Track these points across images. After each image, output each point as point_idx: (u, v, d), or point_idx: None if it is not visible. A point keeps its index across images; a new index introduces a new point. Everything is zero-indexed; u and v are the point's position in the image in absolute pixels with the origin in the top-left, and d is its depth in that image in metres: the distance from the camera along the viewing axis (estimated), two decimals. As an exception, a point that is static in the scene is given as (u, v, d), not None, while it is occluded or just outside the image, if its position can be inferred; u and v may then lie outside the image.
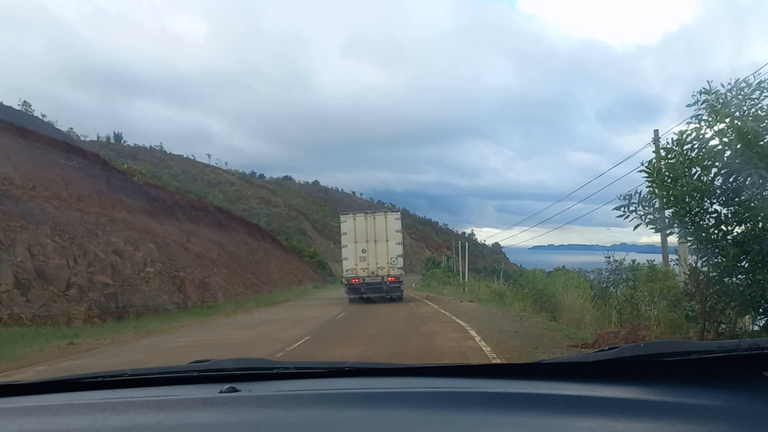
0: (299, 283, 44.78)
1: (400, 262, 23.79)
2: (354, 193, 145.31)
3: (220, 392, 1.56)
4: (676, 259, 12.84)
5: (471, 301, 23.10)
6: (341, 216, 25.29)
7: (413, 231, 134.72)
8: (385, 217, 24.19)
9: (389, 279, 23.47)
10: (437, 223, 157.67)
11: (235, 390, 1.58)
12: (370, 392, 1.50)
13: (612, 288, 15.43)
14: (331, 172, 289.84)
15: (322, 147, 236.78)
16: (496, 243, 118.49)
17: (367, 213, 24.99)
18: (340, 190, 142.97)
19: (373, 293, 23.02)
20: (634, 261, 14.17)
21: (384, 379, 1.75)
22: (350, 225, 23.96)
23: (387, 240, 23.54)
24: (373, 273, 23.34)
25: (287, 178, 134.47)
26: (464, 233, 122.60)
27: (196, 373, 1.85)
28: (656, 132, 15.46)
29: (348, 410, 1.35)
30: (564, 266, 19.31)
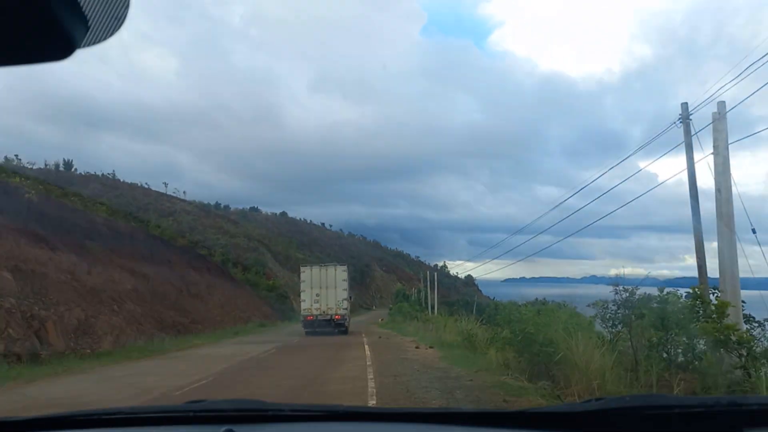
0: (246, 320, 39.50)
1: (345, 304, 29.05)
2: (323, 224, 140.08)
3: None
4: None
5: (431, 347, 18.58)
6: (301, 267, 31.66)
7: (384, 264, 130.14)
8: (335, 270, 29.83)
9: (336, 317, 28.48)
10: (409, 255, 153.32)
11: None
12: None
13: (620, 328, 11.00)
14: (302, 206, 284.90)
15: (292, 181, 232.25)
16: (469, 275, 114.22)
17: (321, 266, 30.66)
18: (309, 221, 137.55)
19: (323, 327, 27.88)
20: (662, 290, 9.74)
21: (378, 424, 1.74)
22: (308, 274, 29.60)
23: (335, 287, 28.90)
24: (324, 312, 28.38)
25: (254, 210, 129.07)
26: (436, 265, 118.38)
27: (192, 414, 1.83)
28: (685, 105, 11.26)
29: None
30: (544, 298, 14.62)
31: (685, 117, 11.07)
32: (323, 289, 28.63)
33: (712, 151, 10.12)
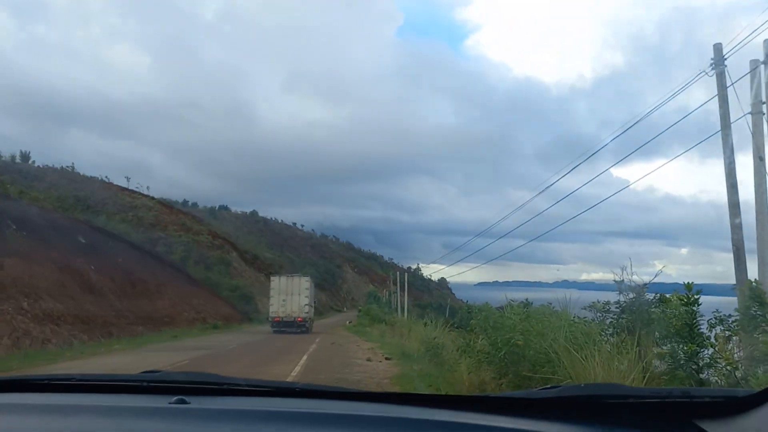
0: (200, 321, 36.50)
1: (307, 309, 33.35)
2: (295, 224, 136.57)
3: (170, 403, 1.53)
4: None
5: (387, 358, 15.97)
6: (271, 277, 37.68)
7: (356, 265, 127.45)
8: (300, 280, 34.51)
9: (299, 319, 32.71)
10: (382, 257, 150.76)
11: (184, 402, 1.55)
12: (319, 413, 1.50)
13: (625, 336, 8.58)
14: (274, 206, 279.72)
15: (264, 180, 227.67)
16: (443, 278, 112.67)
17: (288, 276, 35.57)
18: (280, 221, 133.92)
19: (288, 327, 31.75)
20: (690, 286, 7.34)
21: (333, 402, 1.72)
22: (277, 282, 34.32)
23: (299, 294, 33.25)
24: (288, 314, 32.55)
25: (223, 208, 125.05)
26: (410, 268, 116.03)
27: (145, 383, 1.81)
28: (718, 48, 8.87)
29: (295, 429, 1.37)
30: (527, 299, 11.99)
31: (719, 61, 8.71)
32: (289, 295, 32.99)
33: (750, 110, 7.79)
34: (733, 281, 10.26)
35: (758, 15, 9.82)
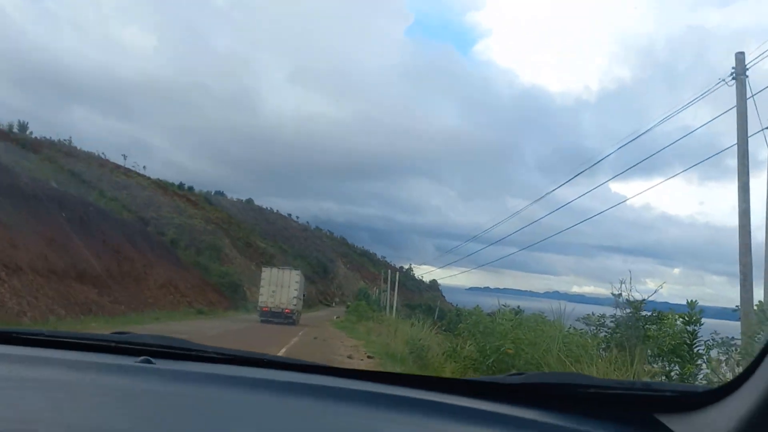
0: (186, 305, 36.04)
1: (296, 301, 34.19)
2: (290, 215, 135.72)
3: (135, 362, 1.56)
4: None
5: (370, 356, 15.60)
6: (263, 268, 38.76)
7: (349, 261, 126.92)
8: (290, 273, 35.70)
9: (287, 310, 33.45)
10: (376, 255, 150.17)
11: (150, 362, 1.57)
12: (284, 382, 1.52)
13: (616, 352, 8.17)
14: (270, 196, 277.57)
15: (263, 170, 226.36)
16: (434, 280, 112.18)
17: (280, 269, 37.04)
18: (275, 211, 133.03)
19: (275, 318, 32.40)
20: (693, 304, 6.94)
21: (299, 374, 1.70)
22: (268, 274, 35.30)
23: (289, 287, 34.09)
24: (277, 305, 33.32)
25: (219, 194, 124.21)
26: (402, 267, 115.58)
27: (113, 344, 1.81)
28: (740, 58, 8.46)
29: (259, 396, 1.38)
30: (518, 307, 11.57)
31: (741, 71, 8.29)
32: (278, 287, 33.81)
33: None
34: (725, 305, 9.88)
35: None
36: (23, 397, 1.25)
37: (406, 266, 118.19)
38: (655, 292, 8.78)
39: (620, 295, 9.01)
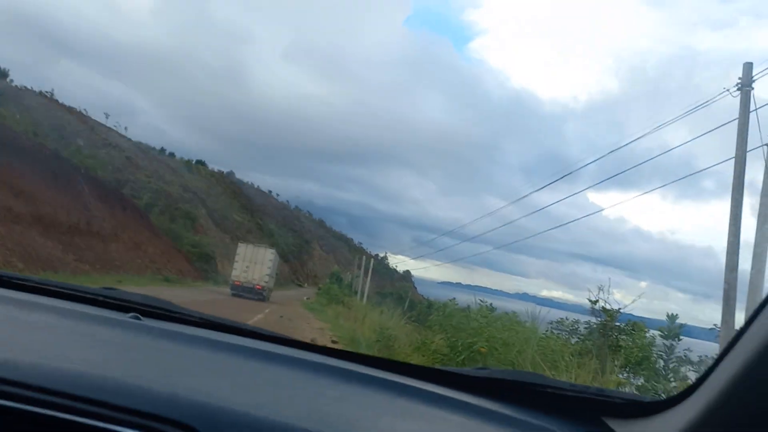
0: (154, 271, 35.34)
1: (267, 278, 35.02)
2: (270, 192, 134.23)
3: (125, 317, 1.60)
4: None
5: (335, 341, 15.05)
6: (239, 243, 38.79)
7: (325, 244, 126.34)
8: (265, 251, 36.81)
9: (258, 287, 34.24)
10: (352, 240, 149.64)
11: (139, 319, 1.62)
12: (264, 351, 1.56)
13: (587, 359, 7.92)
14: (252, 171, 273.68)
15: (248, 144, 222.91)
16: (407, 271, 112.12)
17: (255, 245, 37.69)
18: (256, 186, 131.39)
19: (246, 293, 33.06)
20: (673, 318, 6.69)
21: (277, 345, 1.75)
22: (243, 249, 36.11)
23: (262, 264, 35.11)
24: (248, 281, 34.16)
25: (200, 163, 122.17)
26: (377, 255, 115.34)
27: (101, 298, 1.85)
28: (748, 67, 8.19)
29: (240, 361, 1.44)
30: (490, 303, 11.23)
31: (747, 82, 7.99)
32: (252, 263, 34.73)
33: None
34: (688, 321, 9.67)
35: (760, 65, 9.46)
36: (13, 336, 1.26)
37: (382, 254, 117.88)
38: (633, 301, 8.55)
39: (597, 302, 8.76)
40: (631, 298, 8.88)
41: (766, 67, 8.56)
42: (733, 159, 8.80)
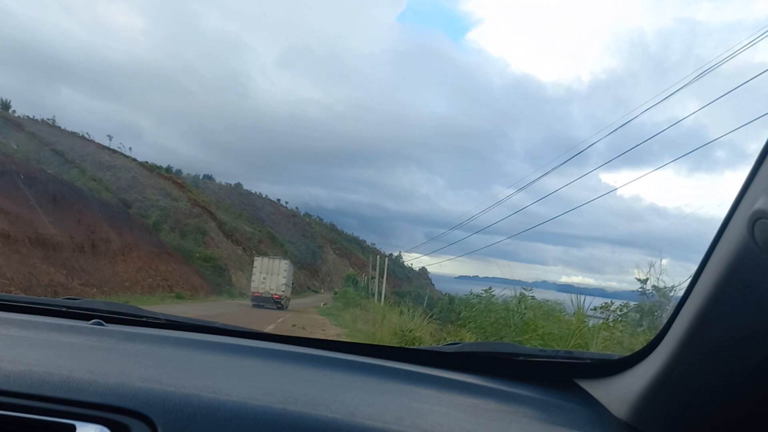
0: (168, 289, 34.61)
1: (284, 288, 36.62)
2: (279, 200, 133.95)
3: (87, 324, 1.59)
4: None
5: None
6: (255, 257, 42.44)
7: (338, 248, 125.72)
8: (280, 262, 38.23)
9: (275, 296, 35.67)
10: (365, 241, 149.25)
11: (102, 325, 1.60)
12: (234, 345, 1.55)
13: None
14: (259, 181, 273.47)
15: (253, 155, 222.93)
16: (423, 268, 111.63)
17: (270, 258, 39.70)
18: (264, 196, 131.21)
19: (265, 303, 34.76)
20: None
21: (249, 340, 1.72)
22: (259, 262, 37.69)
23: (278, 275, 36.52)
24: (266, 291, 35.68)
25: (207, 177, 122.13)
26: (391, 255, 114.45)
27: (65, 309, 1.83)
28: None
29: (209, 356, 1.43)
30: (523, 291, 10.09)
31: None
32: (269, 274, 36.27)
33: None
34: None
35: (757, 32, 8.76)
36: None
37: (396, 253, 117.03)
38: (686, 280, 7.41)
39: (646, 280, 7.68)
40: (654, 276, 7.88)
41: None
42: (744, 127, 8.01)
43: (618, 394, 1.28)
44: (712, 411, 1.02)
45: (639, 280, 7.61)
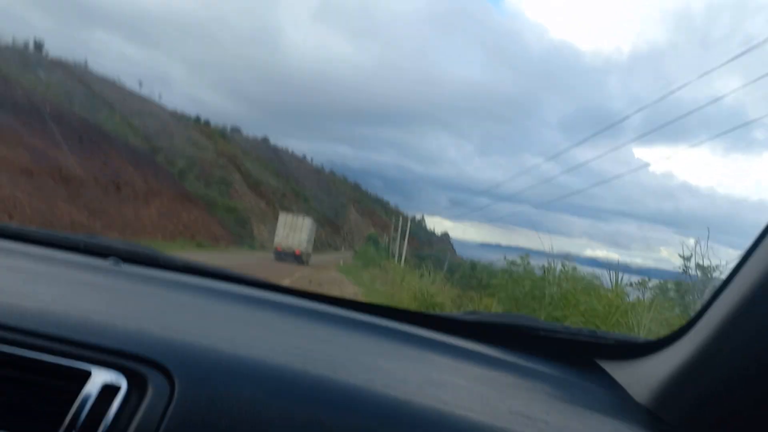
0: (190, 237, 34.76)
1: (306, 244, 37.55)
2: (305, 156, 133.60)
3: (104, 263, 1.59)
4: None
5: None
6: (280, 213, 42.56)
7: (361, 207, 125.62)
8: (303, 219, 38.99)
9: (297, 252, 36.60)
10: (389, 203, 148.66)
11: (119, 264, 1.61)
12: (253, 296, 1.56)
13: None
14: (286, 136, 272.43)
15: (281, 109, 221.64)
16: (446, 233, 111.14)
17: (295, 215, 40.48)
18: (290, 151, 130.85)
19: (287, 257, 35.59)
20: None
21: (266, 291, 1.72)
22: (284, 218, 38.55)
23: (301, 231, 37.53)
24: (289, 247, 36.67)
25: (235, 130, 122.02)
26: (414, 217, 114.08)
27: (82, 244, 1.77)
28: None
29: (225, 305, 1.42)
30: (575, 267, 9.44)
31: None
32: (292, 231, 37.28)
33: None
34: None
35: None
36: None
37: (419, 216, 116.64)
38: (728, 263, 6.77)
39: (690, 257, 7.04)
40: (678, 254, 7.25)
41: None
42: None
43: (641, 378, 1.25)
44: (738, 403, 0.98)
45: (682, 257, 6.99)
